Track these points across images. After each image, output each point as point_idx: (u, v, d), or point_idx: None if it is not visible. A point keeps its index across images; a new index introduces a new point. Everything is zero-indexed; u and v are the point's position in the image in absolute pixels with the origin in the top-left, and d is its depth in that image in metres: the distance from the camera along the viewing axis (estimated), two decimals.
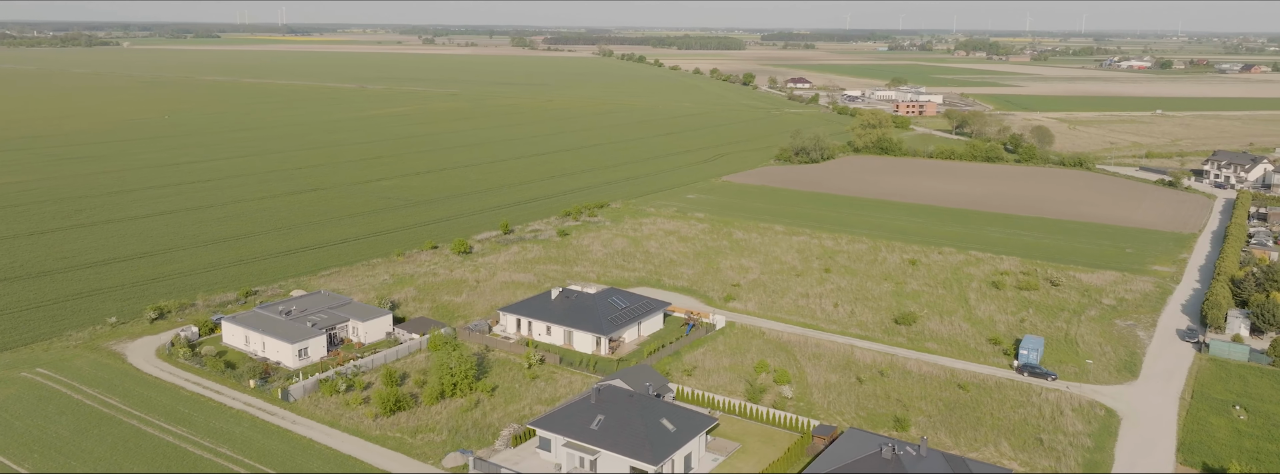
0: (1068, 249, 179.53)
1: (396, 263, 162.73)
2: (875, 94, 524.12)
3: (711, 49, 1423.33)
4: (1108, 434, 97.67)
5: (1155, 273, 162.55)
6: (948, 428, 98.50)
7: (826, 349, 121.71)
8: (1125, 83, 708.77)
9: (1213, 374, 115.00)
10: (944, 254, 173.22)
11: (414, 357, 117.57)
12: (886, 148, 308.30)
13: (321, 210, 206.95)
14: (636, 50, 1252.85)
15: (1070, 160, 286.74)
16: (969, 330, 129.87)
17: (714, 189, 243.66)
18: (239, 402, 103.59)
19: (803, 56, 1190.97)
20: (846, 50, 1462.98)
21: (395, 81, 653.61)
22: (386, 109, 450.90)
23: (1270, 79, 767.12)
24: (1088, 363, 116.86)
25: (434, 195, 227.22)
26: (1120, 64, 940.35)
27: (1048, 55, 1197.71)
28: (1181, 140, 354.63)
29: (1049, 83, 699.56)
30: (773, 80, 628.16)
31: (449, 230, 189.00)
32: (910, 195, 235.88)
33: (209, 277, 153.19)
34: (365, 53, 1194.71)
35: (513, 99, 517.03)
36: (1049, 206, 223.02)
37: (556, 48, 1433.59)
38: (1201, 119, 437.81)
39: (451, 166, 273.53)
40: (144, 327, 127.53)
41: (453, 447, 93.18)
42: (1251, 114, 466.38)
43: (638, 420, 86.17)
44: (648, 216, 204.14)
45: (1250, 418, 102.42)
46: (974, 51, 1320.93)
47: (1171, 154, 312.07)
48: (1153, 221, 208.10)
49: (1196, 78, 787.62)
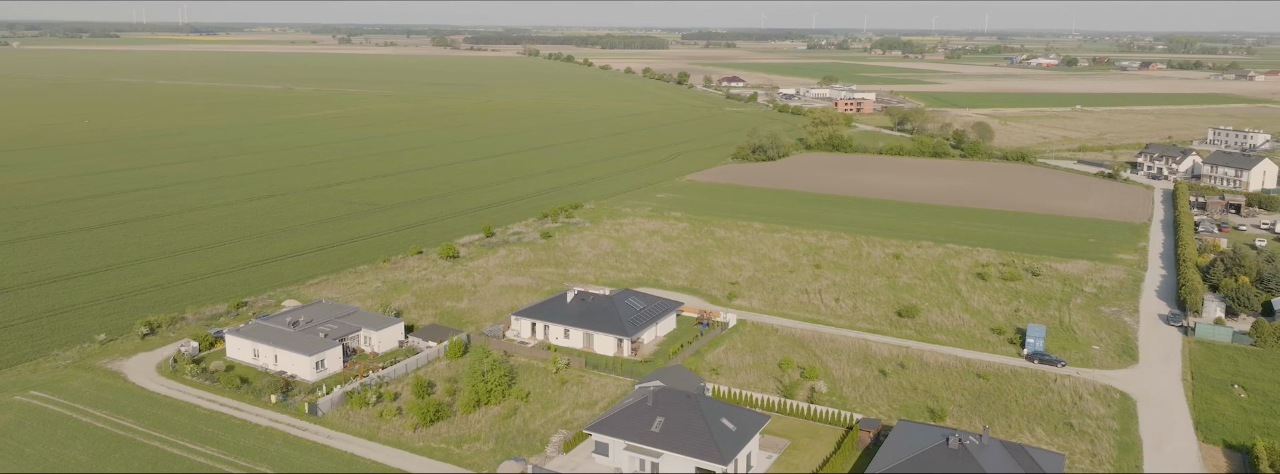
0: (1036, 240, 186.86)
1: (384, 269, 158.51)
2: (810, 92, 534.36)
3: (636, 48, 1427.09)
4: (1129, 416, 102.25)
5: (1122, 261, 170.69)
6: (980, 416, 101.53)
7: (841, 344, 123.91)
8: (1038, 80, 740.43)
9: (1204, 356, 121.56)
10: (923, 248, 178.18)
11: (434, 365, 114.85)
12: (838, 145, 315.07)
13: (288, 217, 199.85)
14: (561, 50, 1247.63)
15: (1013, 155, 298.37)
16: (970, 321, 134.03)
17: (681, 188, 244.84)
18: (264, 418, 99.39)
19: (726, 55, 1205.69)
20: (767, 49, 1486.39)
21: (322, 82, 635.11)
22: (322, 111, 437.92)
23: (1167, 75, 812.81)
24: (1093, 349, 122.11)
25: (401, 199, 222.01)
26: (1029, 62, 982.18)
27: (960, 54, 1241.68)
28: (1106, 134, 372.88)
29: (968, 80, 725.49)
30: (707, 79, 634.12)
31: (427, 235, 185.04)
32: (873, 191, 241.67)
33: (189, 288, 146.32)
34: (280, 53, 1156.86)
35: (450, 100, 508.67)
36: (1006, 199, 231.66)
37: (479, 47, 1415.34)
38: (1119, 114, 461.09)
39: (409, 169, 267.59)
40: (136, 343, 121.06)
41: (502, 455, 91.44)
42: (1161, 109, 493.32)
43: (699, 421, 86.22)
44: (625, 217, 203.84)
45: (1249, 396, 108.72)
46: (889, 50, 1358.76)
47: (1102, 147, 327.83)
48: (1104, 212, 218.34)
49: (1101, 74, 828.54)
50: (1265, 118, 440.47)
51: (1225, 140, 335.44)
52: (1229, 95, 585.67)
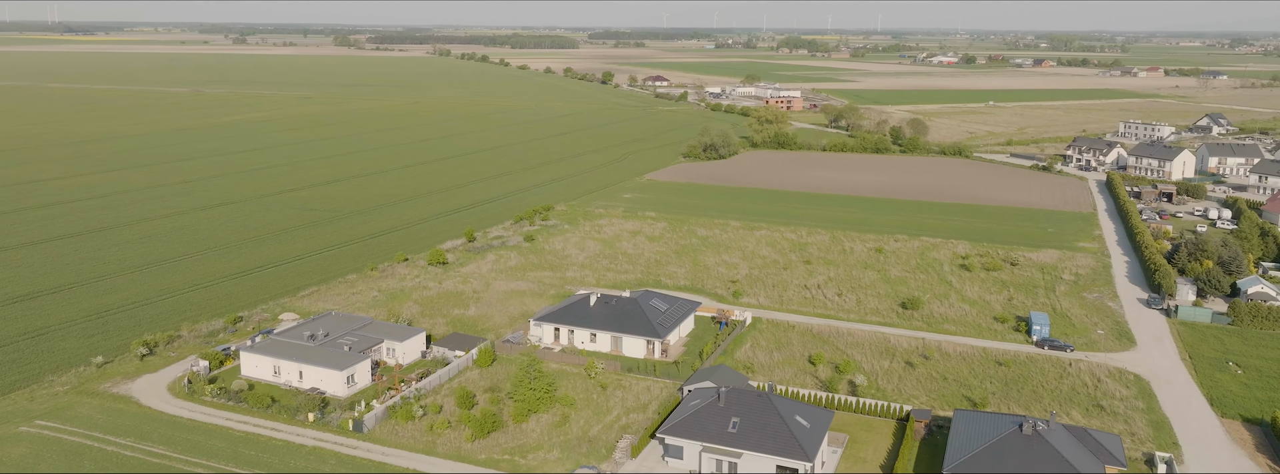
0: (1000, 231, 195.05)
1: (373, 278, 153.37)
2: (736, 91, 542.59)
3: (546, 48, 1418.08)
4: (1148, 396, 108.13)
5: (1085, 249, 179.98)
6: (1016, 402, 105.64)
7: (860, 337, 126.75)
8: (943, 77, 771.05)
9: (1191, 336, 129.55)
10: (901, 241, 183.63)
11: (465, 374, 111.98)
12: (783, 142, 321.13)
13: (249, 226, 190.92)
14: (471, 50, 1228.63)
15: (950, 150, 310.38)
16: (971, 311, 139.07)
17: (645, 187, 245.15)
18: (306, 438, 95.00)
19: (638, 54, 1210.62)
20: (676, 48, 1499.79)
21: (231, 85, 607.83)
22: (242, 115, 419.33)
23: (1059, 72, 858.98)
24: (1098, 333, 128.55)
25: (364, 205, 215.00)
26: (931, 60, 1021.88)
27: (863, 52, 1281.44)
28: (1026, 128, 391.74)
29: (880, 78, 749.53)
30: (632, 78, 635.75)
31: (405, 241, 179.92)
32: (831, 187, 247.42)
33: (171, 304, 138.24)
34: (173, 54, 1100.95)
35: (375, 102, 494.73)
36: (958, 193, 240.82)
37: (385, 47, 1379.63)
38: (1031, 109, 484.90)
39: (359, 174, 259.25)
40: (135, 364, 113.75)
41: (571, 464, 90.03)
42: (1066, 104, 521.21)
43: (776, 419, 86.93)
44: (600, 218, 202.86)
45: (1245, 373, 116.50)
46: (795, 49, 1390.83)
47: (1027, 141, 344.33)
48: (1051, 203, 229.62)
49: (999, 72, 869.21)
50: (1160, 111, 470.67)
51: (1136, 133, 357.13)
52: (1120, 91, 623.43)
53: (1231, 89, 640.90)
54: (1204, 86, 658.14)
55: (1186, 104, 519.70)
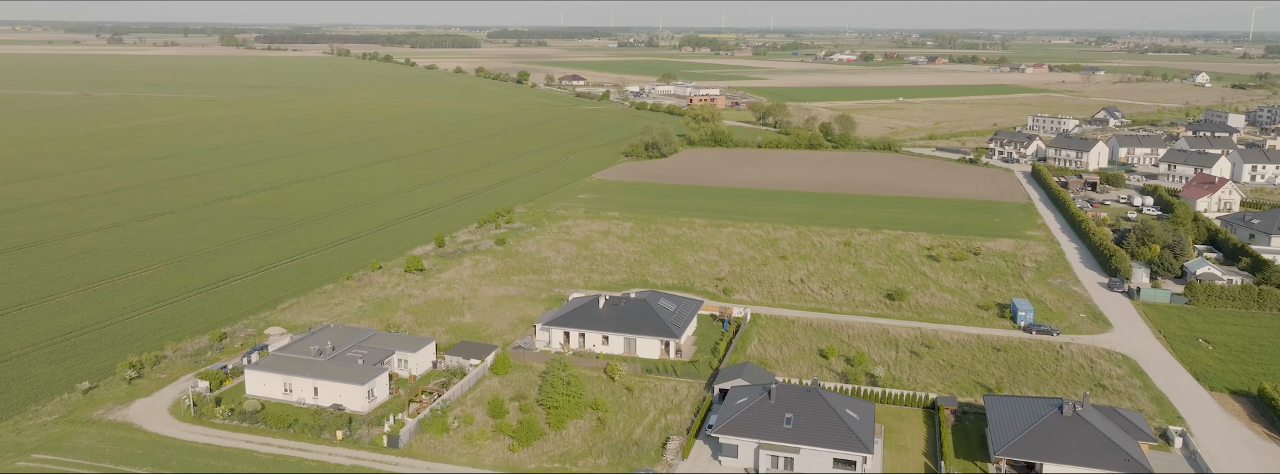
0: (951, 222, 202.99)
1: (351, 287, 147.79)
2: (656, 89, 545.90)
3: (447, 47, 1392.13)
4: (1140, 374, 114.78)
5: (1034, 237, 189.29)
6: (1026, 385, 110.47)
7: (859, 329, 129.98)
8: (847, 74, 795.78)
9: (1157, 316, 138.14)
10: (864, 235, 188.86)
11: (485, 383, 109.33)
12: (719, 140, 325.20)
13: (195, 237, 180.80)
14: (367, 49, 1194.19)
15: (880, 145, 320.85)
16: (954, 300, 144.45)
17: (597, 187, 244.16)
18: (340, 456, 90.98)
19: (542, 53, 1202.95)
20: (579, 47, 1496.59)
21: (122, 87, 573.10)
22: (147, 119, 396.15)
23: (953, 69, 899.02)
24: (1080, 316, 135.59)
25: (313, 213, 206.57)
26: (831, 58, 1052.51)
27: (764, 50, 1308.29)
28: (941, 123, 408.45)
29: (787, 75, 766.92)
30: (549, 78, 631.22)
31: (369, 248, 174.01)
32: (780, 183, 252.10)
33: (139, 323, 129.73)
34: (44, 54, 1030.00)
35: (287, 104, 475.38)
36: (899, 186, 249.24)
37: (277, 47, 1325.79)
38: (940, 105, 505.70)
39: (297, 181, 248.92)
40: (124, 388, 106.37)
41: (623, 467, 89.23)
42: (969, 99, 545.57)
43: (830, 413, 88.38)
44: (564, 219, 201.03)
45: (1215, 348, 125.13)
46: (698, 48, 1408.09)
47: (947, 135, 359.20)
48: (988, 194, 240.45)
49: (896, 69, 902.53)
50: (1056, 105, 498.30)
51: (1043, 126, 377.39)
52: (1014, 86, 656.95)
53: (1111, 83, 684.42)
54: (1087, 82, 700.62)
55: (1076, 98, 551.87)
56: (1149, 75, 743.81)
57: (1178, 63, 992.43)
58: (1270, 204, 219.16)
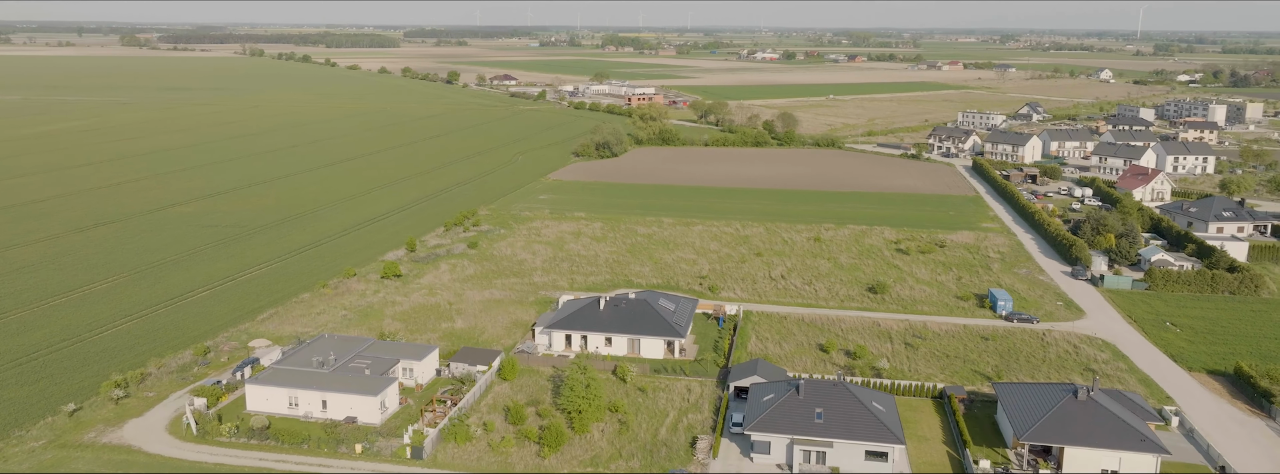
0: (910, 216, 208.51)
1: (329, 296, 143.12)
2: (591, 88, 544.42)
3: (364, 46, 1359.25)
4: (1122, 358, 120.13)
5: (991, 229, 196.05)
6: (1022, 372, 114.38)
7: (851, 323, 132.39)
8: (772, 72, 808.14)
9: (1124, 302, 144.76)
10: (830, 230, 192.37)
11: (495, 389, 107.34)
12: (667, 139, 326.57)
13: (151, 248, 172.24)
14: (280, 49, 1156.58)
15: (824, 142, 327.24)
16: (933, 292, 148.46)
17: (555, 188, 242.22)
18: (363, 470, 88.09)
19: (464, 53, 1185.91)
20: (500, 47, 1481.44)
21: (23, 90, 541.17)
22: (59, 124, 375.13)
23: (873, 67, 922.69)
24: (1058, 304, 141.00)
25: (268, 219, 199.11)
26: (754, 56, 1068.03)
27: (687, 49, 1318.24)
28: (876, 120, 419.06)
29: (715, 74, 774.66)
30: (481, 77, 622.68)
31: (337, 255, 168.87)
32: (736, 181, 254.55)
33: (110, 339, 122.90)
34: None
35: (207, 106, 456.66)
36: (851, 181, 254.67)
37: (183, 47, 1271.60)
38: (870, 102, 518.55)
39: (240, 186, 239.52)
40: (112, 409, 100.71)
41: (657, 469, 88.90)
42: (896, 96, 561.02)
43: (858, 406, 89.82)
44: (531, 220, 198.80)
45: (1182, 330, 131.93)
46: (620, 47, 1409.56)
47: (884, 132, 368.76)
48: (936, 188, 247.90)
49: (819, 67, 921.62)
50: (979, 101, 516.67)
51: (973, 122, 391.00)
52: (935, 83, 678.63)
53: (1024, 80, 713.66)
54: (1001, 78, 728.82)
55: (995, 94, 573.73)
56: (1057, 72, 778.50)
57: (1078, 60, 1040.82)
58: (1197, 193, 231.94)
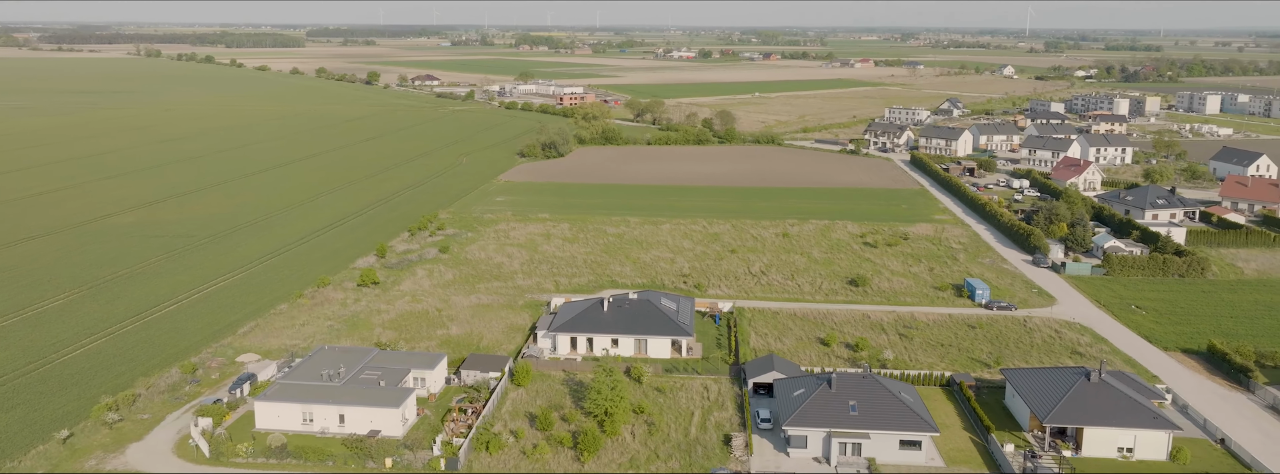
0: (865, 210, 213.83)
1: (307, 306, 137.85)
2: (518, 88, 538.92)
3: (267, 46, 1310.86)
4: (1101, 340, 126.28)
5: (945, 221, 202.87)
6: (1017, 357, 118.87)
7: (842, 317, 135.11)
8: (692, 71, 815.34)
9: (1088, 288, 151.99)
10: (795, 225, 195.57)
11: (511, 395, 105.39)
12: (610, 138, 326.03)
13: (99, 262, 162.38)
14: (177, 49, 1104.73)
15: (764, 138, 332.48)
16: (910, 283, 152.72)
17: (510, 190, 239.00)
18: None
19: (374, 53, 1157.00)
20: (411, 46, 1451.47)
21: None
22: None
23: (788, 64, 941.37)
24: (1033, 291, 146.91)
25: (216, 228, 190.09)
26: (671, 55, 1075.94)
27: (602, 48, 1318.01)
28: (806, 116, 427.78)
29: (637, 73, 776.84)
30: (402, 78, 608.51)
31: (305, 263, 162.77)
32: (689, 178, 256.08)
33: (80, 361, 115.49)
34: None
35: (114, 110, 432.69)
36: (801, 177, 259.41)
37: (70, 48, 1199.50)
38: (796, 99, 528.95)
39: (176, 194, 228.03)
40: (108, 434, 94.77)
41: (698, 469, 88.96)
42: (819, 93, 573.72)
43: (890, 397, 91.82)
44: (496, 223, 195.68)
45: (1147, 312, 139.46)
46: (535, 46, 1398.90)
47: (818, 128, 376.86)
48: (881, 182, 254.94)
49: (736, 65, 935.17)
50: (899, 97, 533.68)
51: (900, 117, 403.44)
52: (852, 80, 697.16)
53: (935, 76, 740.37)
54: (913, 75, 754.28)
55: (911, 90, 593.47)
56: (965, 69, 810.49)
57: (979, 57, 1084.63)
58: (1123, 182, 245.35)
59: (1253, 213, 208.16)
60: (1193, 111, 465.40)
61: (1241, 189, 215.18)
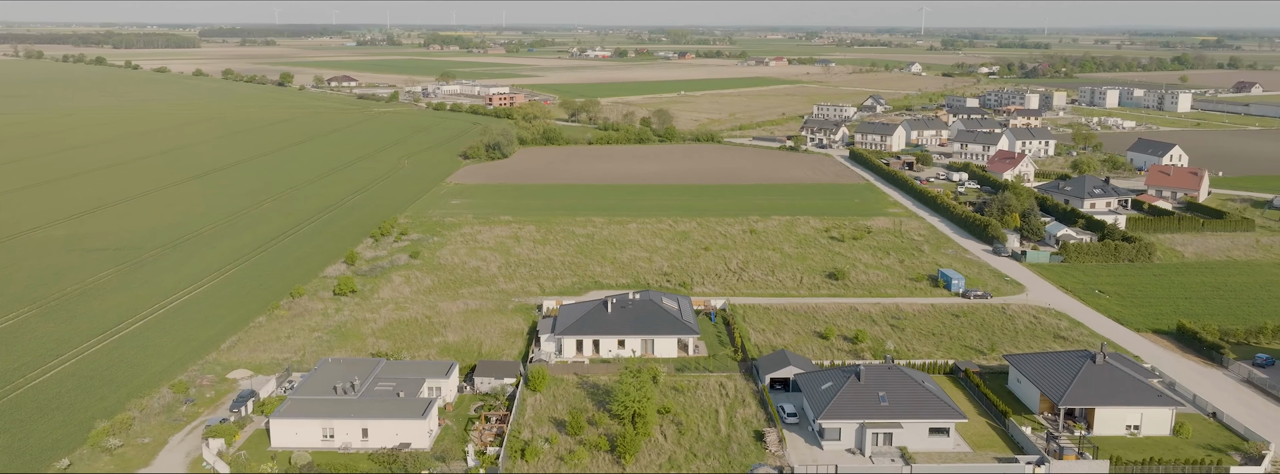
0: (821, 205, 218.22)
1: (286, 317, 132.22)
2: (442, 88, 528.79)
3: (159, 47, 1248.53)
4: (1079, 325, 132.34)
5: (899, 214, 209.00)
6: (1008, 343, 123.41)
7: (832, 310, 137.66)
8: (610, 70, 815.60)
9: (1051, 275, 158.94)
10: (759, 222, 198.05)
11: (528, 401, 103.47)
12: (551, 138, 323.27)
13: (42, 277, 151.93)
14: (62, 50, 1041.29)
15: (703, 137, 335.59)
16: (887, 276, 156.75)
17: (463, 192, 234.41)
18: None
19: (276, 53, 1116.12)
20: (314, 46, 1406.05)
21: None
22: None
23: (704, 63, 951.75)
24: (1006, 279, 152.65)
25: (160, 240, 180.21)
26: (587, 54, 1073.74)
27: (516, 48, 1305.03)
28: (736, 114, 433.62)
29: (558, 72, 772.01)
30: (318, 79, 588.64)
31: (269, 273, 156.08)
32: (641, 177, 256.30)
33: (50, 386, 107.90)
34: None
35: (6, 117, 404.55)
36: (749, 174, 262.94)
37: None
38: (721, 97, 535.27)
39: (104, 204, 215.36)
40: (110, 460, 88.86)
41: (739, 466, 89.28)
42: (743, 91, 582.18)
43: (917, 387, 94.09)
44: (460, 227, 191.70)
45: (1110, 296, 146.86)
46: (445, 45, 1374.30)
47: (752, 125, 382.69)
48: (827, 177, 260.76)
49: (652, 64, 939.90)
50: (819, 94, 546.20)
51: (827, 114, 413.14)
52: (770, 78, 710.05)
53: (847, 74, 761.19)
54: (827, 73, 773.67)
55: (828, 88, 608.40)
56: (875, 66, 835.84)
57: (882, 55, 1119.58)
58: (1053, 173, 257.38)
59: (1176, 200, 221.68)
60: (1094, 105, 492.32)
61: (1165, 178, 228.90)
